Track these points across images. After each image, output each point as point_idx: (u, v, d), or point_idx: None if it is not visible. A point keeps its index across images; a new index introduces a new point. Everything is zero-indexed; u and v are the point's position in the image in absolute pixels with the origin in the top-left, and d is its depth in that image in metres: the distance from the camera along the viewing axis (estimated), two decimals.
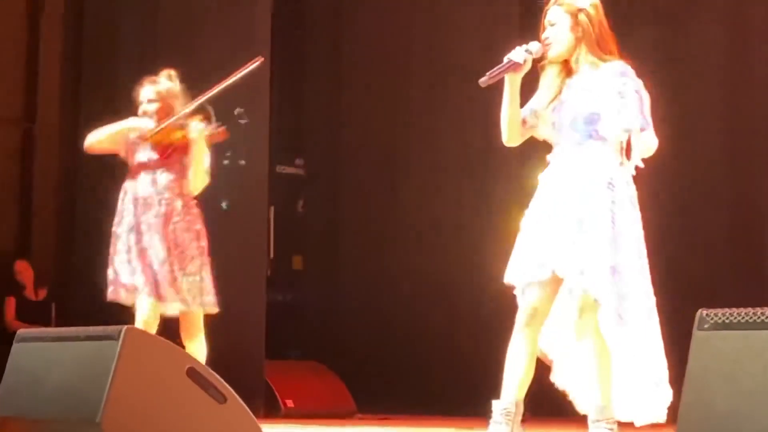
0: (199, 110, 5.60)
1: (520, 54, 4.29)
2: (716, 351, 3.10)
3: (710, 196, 8.15)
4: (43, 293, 9.33)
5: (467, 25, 8.95)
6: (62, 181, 9.59)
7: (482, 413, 4.35)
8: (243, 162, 5.91)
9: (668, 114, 8.30)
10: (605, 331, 4.20)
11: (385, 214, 9.53)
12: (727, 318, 3.11)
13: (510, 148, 4.54)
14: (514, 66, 4.28)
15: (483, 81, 4.28)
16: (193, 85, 5.80)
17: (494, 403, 4.24)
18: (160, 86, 5.66)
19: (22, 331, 4.59)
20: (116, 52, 9.21)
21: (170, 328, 5.63)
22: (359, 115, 9.85)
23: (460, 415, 7.72)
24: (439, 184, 9.22)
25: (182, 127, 5.54)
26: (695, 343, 3.16)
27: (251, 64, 5.59)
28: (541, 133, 4.45)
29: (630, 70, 4.31)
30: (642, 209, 4.69)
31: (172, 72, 5.77)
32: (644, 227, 4.40)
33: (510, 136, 4.43)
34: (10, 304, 9.19)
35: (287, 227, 10.08)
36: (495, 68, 4.28)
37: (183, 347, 5.43)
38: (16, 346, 4.49)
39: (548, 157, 4.40)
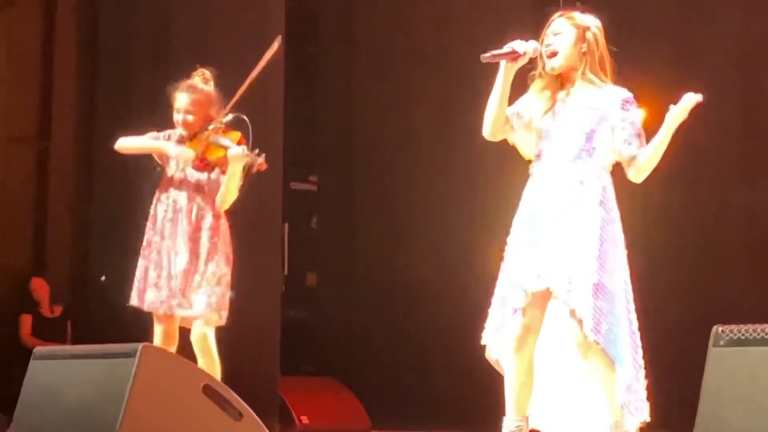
0: (236, 124, 5.56)
1: (521, 45, 4.34)
2: (732, 367, 3.10)
3: (725, 211, 8.13)
4: (58, 310, 9.34)
5: (481, 38, 8.95)
6: (77, 198, 9.62)
7: (494, 429, 4.36)
8: None
9: (681, 126, 8.33)
10: (583, 347, 4.21)
11: (400, 229, 9.54)
12: (743, 334, 3.12)
13: (528, 160, 4.54)
14: (515, 55, 4.32)
15: (485, 57, 4.32)
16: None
17: (504, 419, 4.26)
18: (197, 94, 5.63)
19: (39, 349, 4.60)
20: (130, 70, 9.24)
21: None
22: (372, 130, 9.86)
23: (475, 430, 7.71)
24: (455, 199, 9.22)
25: (221, 145, 5.49)
26: (710, 360, 3.16)
27: (271, 49, 5.56)
28: (520, 141, 4.46)
29: (630, 99, 4.36)
30: (656, 224, 4.70)
31: (207, 73, 5.74)
32: (658, 243, 4.42)
33: (493, 129, 4.43)
34: (26, 321, 9.21)
35: (301, 244, 10.11)
36: (498, 50, 4.33)
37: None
38: (32, 364, 4.50)
39: (532, 168, 4.40)
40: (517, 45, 4.34)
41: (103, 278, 5.86)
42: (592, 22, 4.43)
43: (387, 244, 9.59)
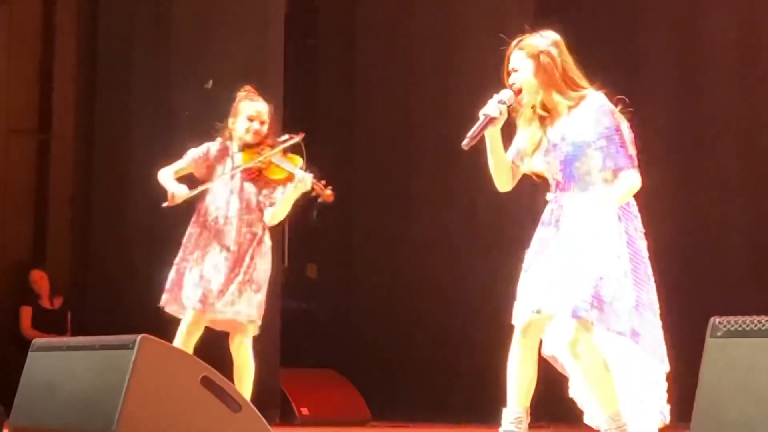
0: (293, 149, 5.62)
1: (494, 108, 4.28)
2: (729, 359, 3.10)
3: (724, 202, 8.13)
4: (58, 302, 9.35)
5: (481, 33, 8.95)
6: (77, 190, 9.62)
7: (494, 421, 4.36)
8: None
9: (682, 120, 8.34)
10: (630, 363, 4.24)
11: (399, 222, 9.53)
12: (740, 326, 3.12)
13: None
14: (492, 120, 4.29)
15: (465, 144, 4.30)
16: (205, 89, 5.80)
17: (504, 411, 4.26)
18: (269, 106, 5.64)
19: (38, 341, 4.61)
20: (130, 63, 9.24)
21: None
22: (373, 123, 9.86)
23: (474, 422, 7.72)
24: (453, 193, 9.22)
25: (283, 168, 5.52)
26: (708, 351, 3.16)
27: (293, 138, 5.60)
28: (532, 171, 4.45)
29: (606, 104, 4.28)
30: (656, 217, 4.68)
31: (252, 89, 5.74)
32: (658, 234, 4.41)
33: (502, 183, 4.46)
34: (26, 313, 9.22)
35: (302, 236, 10.09)
36: (474, 128, 4.30)
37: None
38: (31, 355, 4.51)
39: (548, 196, 4.39)
40: (489, 110, 4.28)
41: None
42: (545, 42, 4.34)
43: (387, 237, 9.59)
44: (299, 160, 5.57)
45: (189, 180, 5.64)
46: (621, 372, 4.30)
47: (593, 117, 4.26)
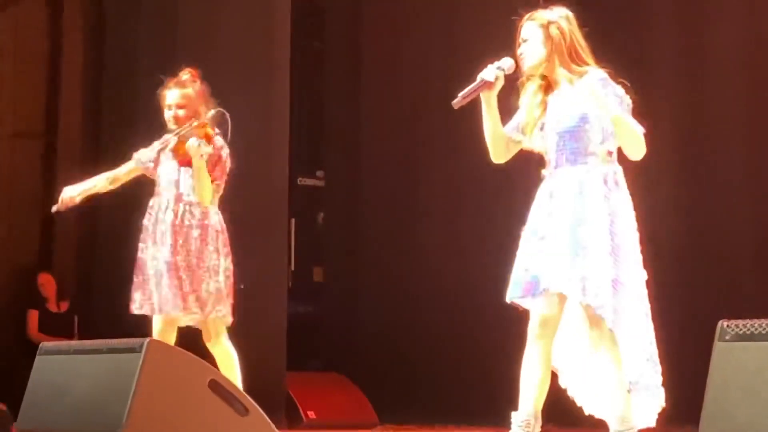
0: (219, 118, 5.57)
1: (491, 72, 4.33)
2: (737, 362, 3.10)
3: (731, 203, 8.11)
4: (65, 305, 9.36)
5: (488, 35, 8.94)
6: None
7: (503, 424, 4.35)
8: None
9: (687, 117, 8.33)
10: (594, 340, 4.24)
11: (406, 225, 9.53)
12: (748, 329, 3.12)
13: (532, 158, 4.54)
14: (487, 84, 4.32)
15: (456, 102, 4.33)
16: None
17: (514, 414, 4.25)
18: (186, 89, 5.62)
19: (45, 344, 4.62)
20: (137, 66, 9.25)
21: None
22: (380, 126, 9.86)
23: (481, 425, 7.71)
24: (460, 196, 9.21)
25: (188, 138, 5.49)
26: (716, 354, 3.17)
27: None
28: (533, 146, 4.46)
29: (606, 78, 4.28)
30: (661, 216, 4.69)
31: (194, 71, 5.72)
32: (664, 236, 4.41)
33: (495, 153, 4.47)
34: (33, 316, 9.22)
35: (308, 239, 10.10)
36: (467, 88, 4.31)
37: (207, 354, 5.40)
38: (39, 359, 4.52)
39: (543, 172, 4.41)
40: (487, 73, 4.32)
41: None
42: (556, 15, 4.40)
43: (393, 240, 9.58)
44: (204, 131, 5.46)
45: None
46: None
47: (590, 88, 4.23)
